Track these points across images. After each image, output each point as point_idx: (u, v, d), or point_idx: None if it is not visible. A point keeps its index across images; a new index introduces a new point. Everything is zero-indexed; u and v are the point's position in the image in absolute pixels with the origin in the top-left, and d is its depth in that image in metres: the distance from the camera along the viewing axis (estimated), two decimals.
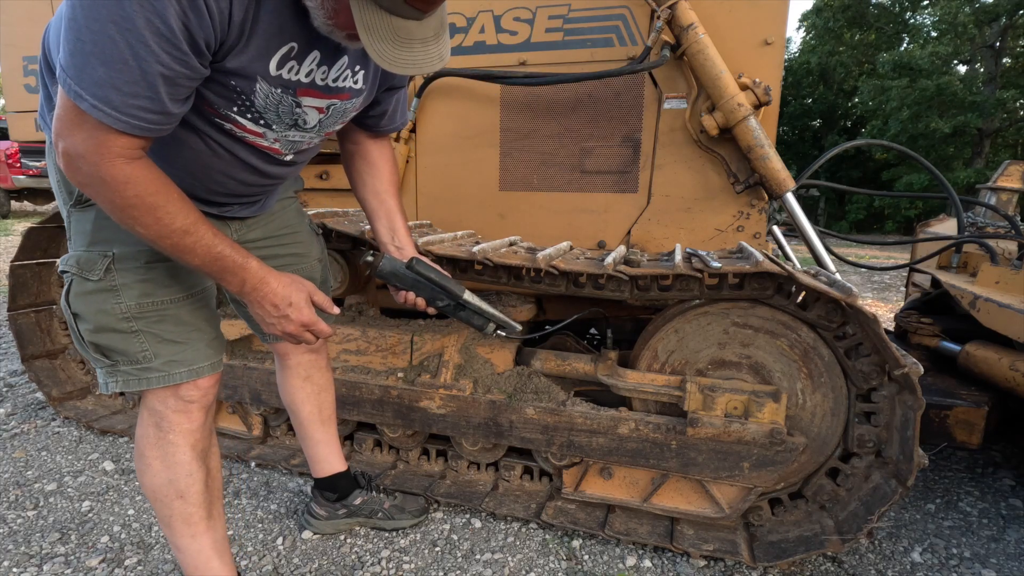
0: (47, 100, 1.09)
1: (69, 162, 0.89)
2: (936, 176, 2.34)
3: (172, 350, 1.14)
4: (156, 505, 1.21)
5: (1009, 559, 1.65)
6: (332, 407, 1.64)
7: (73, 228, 1.12)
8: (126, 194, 0.91)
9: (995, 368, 1.77)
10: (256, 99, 1.02)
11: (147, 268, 1.11)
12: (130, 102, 0.84)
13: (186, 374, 1.16)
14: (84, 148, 0.87)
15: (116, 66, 0.81)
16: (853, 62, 19.25)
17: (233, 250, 1.04)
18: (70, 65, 0.82)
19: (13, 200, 11.52)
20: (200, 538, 1.23)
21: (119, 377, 1.13)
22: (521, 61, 2.03)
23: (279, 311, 1.13)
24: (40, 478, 1.96)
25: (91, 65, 0.81)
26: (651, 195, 1.97)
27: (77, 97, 0.83)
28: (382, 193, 1.42)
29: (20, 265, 2.36)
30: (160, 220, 0.94)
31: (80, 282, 1.09)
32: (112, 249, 1.09)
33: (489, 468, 1.93)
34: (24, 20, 2.50)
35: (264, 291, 1.10)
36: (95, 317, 1.09)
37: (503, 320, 1.42)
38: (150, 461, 1.18)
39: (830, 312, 1.50)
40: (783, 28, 1.79)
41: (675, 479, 1.67)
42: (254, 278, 1.08)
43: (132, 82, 0.83)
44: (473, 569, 1.55)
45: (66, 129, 0.87)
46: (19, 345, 2.40)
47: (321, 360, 1.60)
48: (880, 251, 9.81)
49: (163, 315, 1.13)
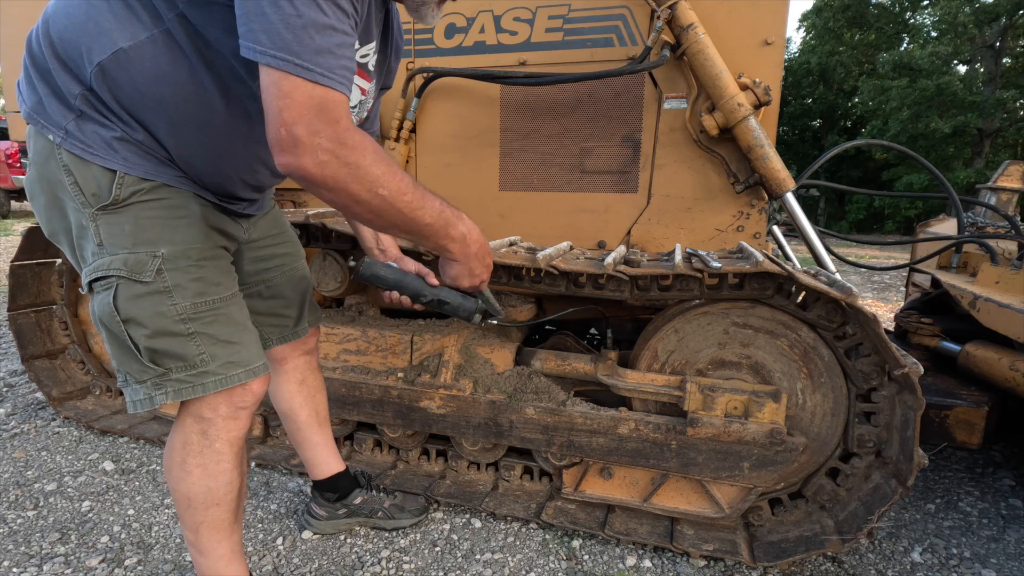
0: (52, 95, 1.02)
1: (308, 145, 0.85)
2: (936, 176, 2.34)
3: (228, 351, 1.11)
4: (187, 511, 1.17)
5: (1009, 559, 1.65)
6: (327, 408, 1.64)
7: (103, 232, 1.03)
8: (367, 154, 0.89)
9: (995, 368, 1.77)
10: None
11: (198, 267, 1.08)
12: (342, 64, 0.88)
13: (243, 375, 1.13)
14: (320, 121, 0.85)
15: (327, 32, 0.85)
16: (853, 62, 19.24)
17: (444, 201, 1.03)
18: (285, 43, 0.82)
19: (13, 200, 11.52)
20: (224, 543, 1.22)
21: (169, 388, 1.07)
22: (521, 61, 2.03)
23: (484, 251, 1.14)
24: (40, 478, 1.96)
25: (309, 36, 0.83)
26: (651, 195, 1.97)
27: (303, 70, 0.83)
28: None
29: (20, 265, 2.36)
30: (397, 175, 0.93)
31: (129, 285, 1.02)
32: (160, 249, 1.04)
33: (489, 468, 1.93)
34: (24, 20, 2.50)
35: (475, 236, 1.10)
36: (153, 321, 1.03)
37: (490, 306, 1.39)
38: (191, 469, 1.14)
39: (830, 312, 1.50)
40: (783, 28, 1.79)
41: (675, 479, 1.67)
42: (468, 225, 1.08)
43: (341, 45, 0.88)
44: (473, 569, 1.55)
45: (296, 113, 0.84)
46: (19, 345, 2.40)
47: (313, 361, 1.59)
48: (880, 251, 9.81)
49: (216, 315, 1.10)
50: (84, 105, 1.00)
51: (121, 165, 1.01)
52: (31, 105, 1.04)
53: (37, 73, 1.03)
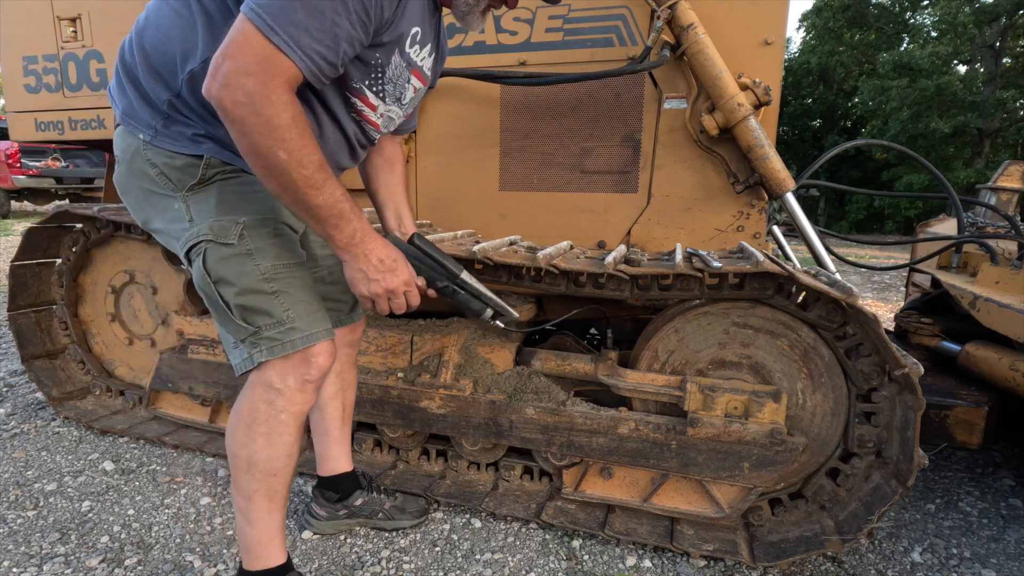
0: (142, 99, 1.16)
1: (233, 80, 0.93)
2: (936, 176, 2.34)
3: (308, 310, 1.19)
4: (243, 477, 1.21)
5: (1009, 559, 1.65)
6: (353, 406, 1.68)
7: (193, 209, 1.15)
8: (283, 115, 0.96)
9: (995, 368, 1.77)
10: (388, 71, 1.16)
11: (275, 234, 1.18)
12: (314, 46, 0.97)
13: (323, 334, 1.20)
14: (257, 69, 0.94)
15: (315, 15, 0.95)
16: (853, 62, 19.23)
17: (349, 200, 1.09)
18: (270, 6, 0.93)
19: (13, 200, 11.50)
20: (275, 515, 1.26)
21: (263, 345, 1.15)
22: (521, 61, 2.03)
23: (384, 265, 1.16)
24: (40, 478, 1.96)
25: (292, 8, 0.93)
26: (651, 195, 1.97)
27: (269, 30, 0.93)
28: (392, 185, 1.49)
29: (20, 265, 2.36)
30: (305, 147, 0.99)
31: (216, 248, 1.12)
32: (241, 217, 1.14)
33: (489, 468, 1.93)
34: (24, 20, 2.50)
35: (371, 245, 1.14)
36: (239, 279, 1.13)
37: (501, 306, 1.41)
38: (256, 436, 1.18)
39: (830, 312, 1.50)
40: (783, 28, 1.79)
41: (675, 479, 1.67)
42: (364, 230, 1.13)
43: (321, 30, 0.96)
44: (473, 569, 1.55)
45: (240, 51, 0.94)
46: (19, 345, 2.40)
47: (353, 355, 1.64)
48: (880, 251, 9.81)
49: (293, 277, 1.18)
50: (171, 109, 1.14)
51: (207, 151, 1.15)
52: (123, 108, 1.19)
53: (128, 80, 1.18)
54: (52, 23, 2.46)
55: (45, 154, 10.64)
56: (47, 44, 2.48)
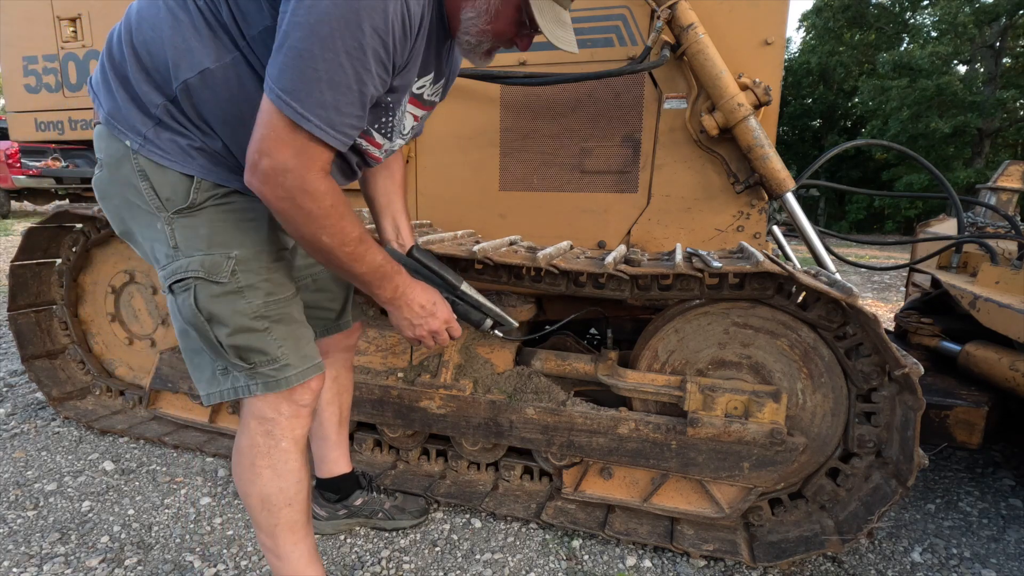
0: (131, 101, 1.07)
1: (272, 177, 0.94)
2: (936, 176, 2.34)
3: (299, 346, 1.18)
4: (262, 515, 1.19)
5: (1009, 559, 1.65)
6: (349, 409, 1.67)
7: (179, 235, 1.08)
8: (324, 204, 0.97)
9: (995, 368, 1.77)
10: (397, 112, 1.13)
11: (268, 269, 1.13)
12: (345, 121, 0.95)
13: (313, 369, 1.19)
14: (294, 163, 0.93)
15: (342, 91, 0.92)
16: (853, 62, 19.23)
17: (388, 260, 1.13)
18: (296, 90, 0.90)
19: (13, 200, 11.50)
20: (301, 544, 1.23)
21: (259, 380, 1.14)
22: (521, 61, 2.02)
23: (426, 311, 1.23)
24: (40, 478, 1.96)
25: (319, 90, 0.91)
26: (651, 195, 1.97)
27: (301, 118, 0.91)
28: (391, 193, 1.45)
29: (20, 265, 2.36)
30: (345, 229, 1.01)
31: (207, 285, 1.08)
32: (233, 251, 1.09)
33: (489, 468, 1.93)
34: (24, 20, 2.50)
35: (412, 295, 1.20)
36: (232, 319, 1.09)
37: (500, 316, 1.42)
38: (260, 471, 1.17)
39: (830, 312, 1.50)
40: (783, 28, 1.79)
41: (675, 479, 1.67)
42: (405, 282, 1.19)
43: (351, 104, 0.95)
44: (473, 569, 1.55)
45: (274, 147, 0.93)
46: (19, 345, 2.39)
47: (349, 359, 1.62)
48: (880, 251, 9.81)
49: (283, 314, 1.15)
50: (164, 115, 1.05)
51: (199, 171, 1.07)
52: (108, 110, 1.09)
53: (116, 79, 1.08)
54: (52, 23, 2.46)
55: (45, 154, 10.64)
56: (47, 44, 2.48)
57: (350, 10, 0.88)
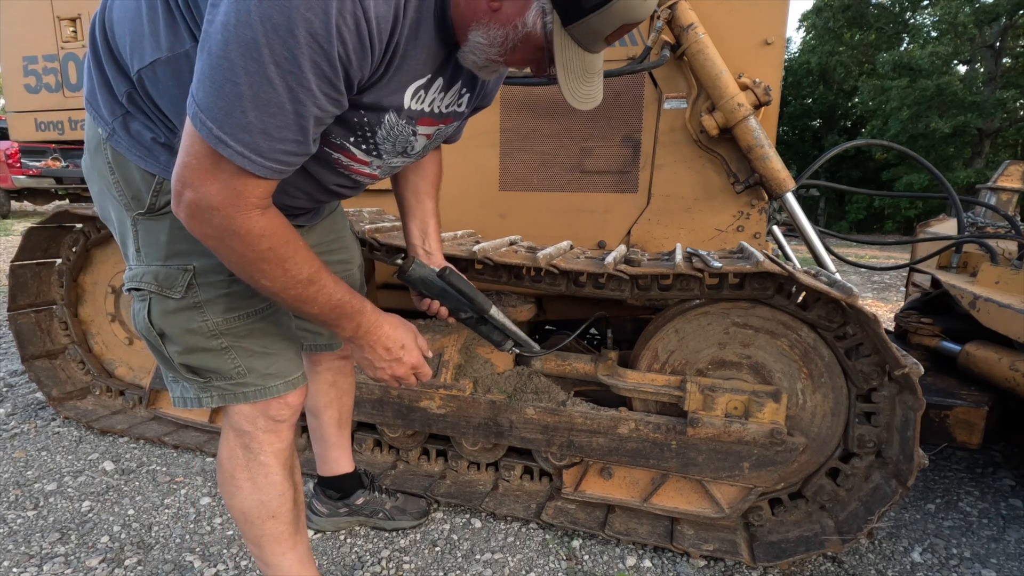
0: (104, 86, 0.99)
1: (196, 214, 0.82)
2: (936, 176, 2.34)
3: (264, 363, 1.09)
4: (245, 526, 1.16)
5: (1009, 559, 1.65)
6: (351, 411, 1.65)
7: (141, 239, 1.01)
8: (259, 247, 0.85)
9: (995, 368, 1.77)
10: (379, 131, 0.97)
11: (230, 281, 1.02)
12: (277, 147, 0.80)
13: (282, 386, 1.11)
14: (219, 199, 0.80)
15: (270, 110, 0.76)
16: (853, 62, 19.23)
17: (350, 295, 1.00)
18: (212, 107, 0.75)
19: (13, 200, 11.50)
20: (288, 554, 1.20)
21: (213, 392, 1.07)
22: None
23: (391, 354, 1.09)
24: (40, 478, 1.96)
25: (241, 109, 0.75)
26: (651, 195, 1.97)
27: (218, 143, 0.76)
28: (422, 193, 1.34)
29: (20, 265, 2.36)
30: (288, 272, 0.89)
31: (161, 300, 1.00)
32: (191, 262, 1.00)
33: (489, 468, 1.93)
34: (24, 20, 2.50)
35: (378, 335, 1.06)
36: (183, 337, 1.02)
37: (524, 340, 1.38)
38: (240, 483, 1.13)
39: (830, 312, 1.50)
40: (783, 28, 1.79)
41: (675, 479, 1.67)
42: (368, 322, 1.04)
43: (284, 127, 0.79)
44: (473, 569, 1.55)
45: (197, 178, 0.80)
46: (19, 345, 2.39)
47: (348, 365, 1.59)
48: (880, 251, 9.80)
49: (250, 328, 1.07)
50: (130, 104, 0.96)
51: (159, 170, 0.97)
52: (87, 91, 1.02)
53: (94, 60, 0.99)
54: (52, 23, 2.46)
55: (45, 154, 10.64)
56: (47, 44, 2.48)
57: (279, 11, 0.71)
